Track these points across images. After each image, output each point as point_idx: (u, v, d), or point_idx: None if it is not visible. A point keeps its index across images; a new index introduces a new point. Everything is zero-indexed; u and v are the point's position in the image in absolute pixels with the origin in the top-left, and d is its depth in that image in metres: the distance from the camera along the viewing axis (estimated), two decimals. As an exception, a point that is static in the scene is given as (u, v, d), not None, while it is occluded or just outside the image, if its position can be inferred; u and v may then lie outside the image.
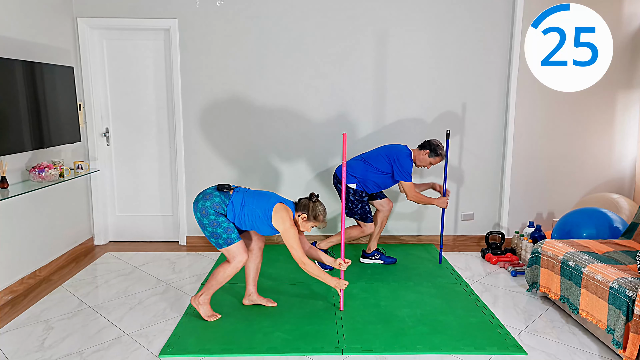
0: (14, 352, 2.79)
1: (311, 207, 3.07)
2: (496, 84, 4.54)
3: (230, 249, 3.01)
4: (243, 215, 3.03)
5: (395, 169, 3.83)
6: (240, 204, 3.03)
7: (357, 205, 3.91)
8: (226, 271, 3.06)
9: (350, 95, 4.53)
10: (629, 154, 4.64)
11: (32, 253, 3.79)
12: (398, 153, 3.85)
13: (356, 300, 3.47)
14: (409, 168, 3.84)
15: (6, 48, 3.46)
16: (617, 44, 4.42)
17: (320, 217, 3.08)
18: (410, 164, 3.85)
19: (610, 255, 3.16)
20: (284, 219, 3.00)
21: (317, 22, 4.42)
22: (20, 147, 3.42)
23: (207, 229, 3.01)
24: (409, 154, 3.87)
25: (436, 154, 3.86)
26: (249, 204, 3.03)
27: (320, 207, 3.09)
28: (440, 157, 3.88)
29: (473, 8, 4.42)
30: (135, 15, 4.39)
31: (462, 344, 2.87)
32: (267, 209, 3.02)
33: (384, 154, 3.89)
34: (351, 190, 3.88)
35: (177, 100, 4.51)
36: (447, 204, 4.08)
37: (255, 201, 3.05)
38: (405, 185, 3.87)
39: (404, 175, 3.83)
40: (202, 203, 3.02)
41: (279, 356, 2.75)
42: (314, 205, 3.08)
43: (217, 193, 3.05)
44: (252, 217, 3.03)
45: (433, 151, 3.85)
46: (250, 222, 3.05)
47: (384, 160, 3.86)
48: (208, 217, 3.00)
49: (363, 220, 3.95)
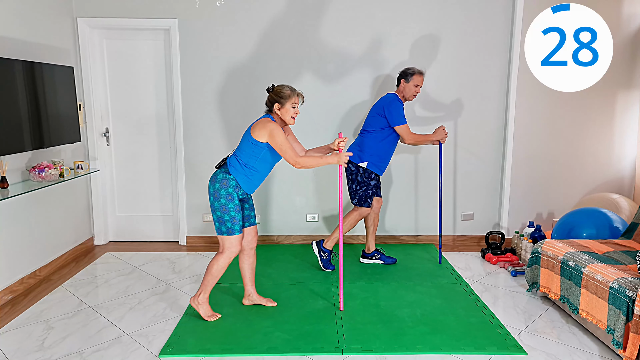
0: (14, 352, 2.79)
1: (274, 94, 3.03)
2: (496, 84, 4.54)
3: (228, 239, 3.03)
4: (245, 165, 3.02)
5: (389, 117, 3.82)
6: (236, 159, 3.04)
7: (362, 187, 3.91)
8: (219, 263, 3.06)
9: (350, 96, 4.53)
10: (629, 154, 4.64)
11: (32, 253, 3.79)
12: (385, 101, 3.86)
13: (356, 300, 3.46)
14: (400, 109, 3.84)
15: (6, 48, 3.46)
16: (617, 44, 4.42)
17: (288, 92, 3.01)
18: (400, 105, 3.84)
19: (610, 255, 3.16)
20: (264, 125, 2.96)
21: (317, 22, 4.42)
22: (20, 147, 3.42)
23: (216, 212, 3.03)
24: (395, 96, 3.88)
25: (410, 74, 3.86)
26: (240, 152, 3.04)
27: (283, 87, 3.03)
28: (416, 74, 3.87)
29: (473, 8, 4.42)
30: (135, 15, 4.39)
31: (462, 344, 2.87)
32: (249, 135, 3.00)
33: (374, 112, 3.90)
34: (361, 170, 3.89)
35: (177, 100, 4.51)
36: (446, 133, 4.05)
37: (241, 144, 3.06)
38: (401, 129, 3.85)
39: (398, 118, 3.81)
40: (212, 187, 3.04)
41: (279, 356, 2.75)
42: (274, 91, 3.04)
43: (217, 171, 3.07)
44: (249, 154, 3.00)
45: (405, 75, 3.88)
46: (253, 161, 3.02)
47: (377, 117, 3.86)
48: (219, 200, 3.01)
49: (360, 204, 3.95)
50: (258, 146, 2.99)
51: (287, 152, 2.97)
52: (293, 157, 2.98)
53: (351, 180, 3.95)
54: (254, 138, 2.98)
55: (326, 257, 4.01)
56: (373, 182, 3.94)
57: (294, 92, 3.04)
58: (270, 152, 3.03)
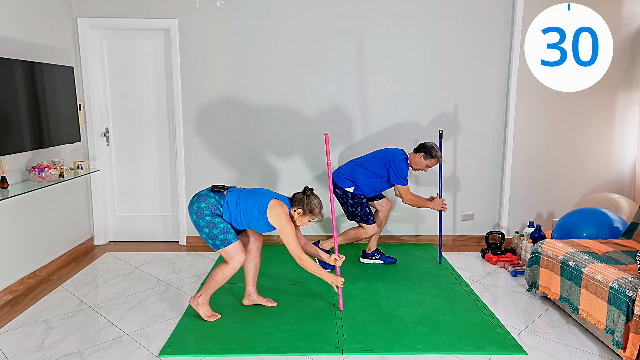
0: (14, 352, 2.79)
1: (306, 202, 3.06)
2: (496, 84, 4.54)
3: (227, 250, 3.01)
4: (239, 214, 3.02)
5: (392, 173, 3.83)
6: (236, 203, 3.03)
7: (357, 207, 3.91)
8: (224, 272, 3.05)
9: (350, 96, 4.53)
10: (629, 154, 4.64)
11: (32, 253, 3.79)
12: (394, 157, 3.86)
13: (356, 300, 3.46)
14: (405, 172, 3.85)
15: (6, 48, 3.46)
16: (617, 44, 4.42)
17: (316, 211, 3.07)
18: (406, 167, 3.85)
19: (610, 255, 3.16)
20: (280, 215, 3.00)
21: (316, 23, 4.42)
22: (20, 147, 3.42)
23: (204, 230, 3.00)
24: (405, 157, 3.88)
25: (432, 155, 3.86)
26: (244, 203, 3.03)
27: (315, 201, 3.08)
28: (436, 159, 3.88)
29: (473, 8, 4.42)
30: (135, 15, 4.39)
31: (462, 344, 2.87)
32: (263, 207, 3.01)
33: (380, 157, 3.89)
34: (349, 194, 3.89)
35: (177, 100, 4.51)
36: (445, 205, 4.08)
37: (250, 199, 3.04)
38: (401, 189, 3.89)
39: (400, 179, 3.83)
40: (197, 205, 3.01)
41: (279, 356, 2.75)
42: (308, 199, 3.07)
43: (211, 194, 3.04)
44: (248, 215, 3.02)
45: (428, 153, 3.86)
46: (246, 221, 3.05)
47: (380, 164, 3.86)
48: (204, 218, 2.99)
49: (365, 222, 3.95)
50: (264, 221, 3.04)
51: (293, 248, 3.04)
52: (297, 253, 3.06)
53: (344, 204, 3.94)
54: (266, 217, 3.02)
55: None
56: (365, 200, 3.92)
57: (320, 213, 3.11)
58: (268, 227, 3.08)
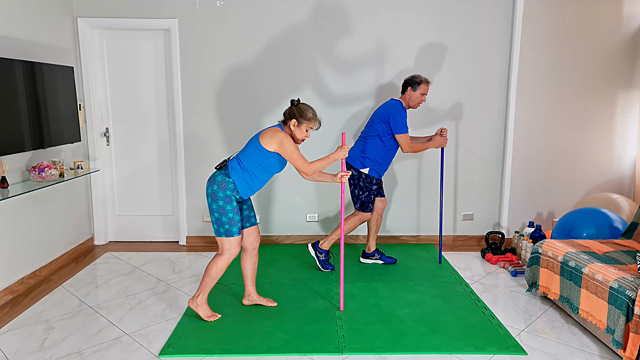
0: (14, 352, 2.79)
1: (296, 111, 3.02)
2: (496, 84, 4.54)
3: (227, 240, 3.02)
4: (246, 169, 3.01)
5: (392, 124, 3.80)
6: (237, 163, 3.03)
7: (365, 192, 3.91)
8: (218, 264, 3.06)
9: (350, 95, 4.53)
10: (629, 154, 4.64)
11: (32, 253, 3.79)
12: (389, 108, 3.84)
13: (356, 300, 3.47)
14: (404, 118, 3.82)
15: (6, 48, 3.47)
16: (617, 43, 4.43)
17: (309, 115, 3.02)
18: (404, 113, 3.82)
19: (610, 255, 3.16)
20: (274, 134, 2.96)
21: (317, 22, 4.42)
22: (20, 147, 3.42)
23: (214, 214, 3.02)
24: (400, 104, 3.86)
25: (417, 82, 3.83)
26: (243, 156, 3.03)
27: (305, 106, 3.04)
28: (423, 83, 3.85)
29: (473, 8, 4.42)
30: (135, 15, 4.39)
31: (462, 344, 2.87)
32: (256, 142, 2.99)
33: (378, 118, 3.87)
34: (363, 175, 3.89)
35: (177, 100, 4.51)
36: (446, 138, 4.02)
37: (245, 149, 3.05)
38: (400, 137, 3.83)
39: (401, 127, 3.80)
40: (210, 188, 3.03)
41: (279, 356, 2.75)
42: (297, 108, 3.03)
43: (217, 173, 3.06)
44: (252, 160, 3.00)
45: (413, 83, 3.84)
46: (255, 167, 3.01)
47: (382, 122, 3.84)
48: (217, 202, 2.99)
49: (362, 209, 3.95)
50: (264, 153, 2.99)
51: (298, 160, 2.99)
52: (304, 164, 3.01)
53: (353, 185, 3.95)
54: (262, 145, 2.97)
55: (323, 258, 4.02)
56: (375, 187, 3.94)
57: (315, 117, 3.05)
58: (274, 161, 3.03)
